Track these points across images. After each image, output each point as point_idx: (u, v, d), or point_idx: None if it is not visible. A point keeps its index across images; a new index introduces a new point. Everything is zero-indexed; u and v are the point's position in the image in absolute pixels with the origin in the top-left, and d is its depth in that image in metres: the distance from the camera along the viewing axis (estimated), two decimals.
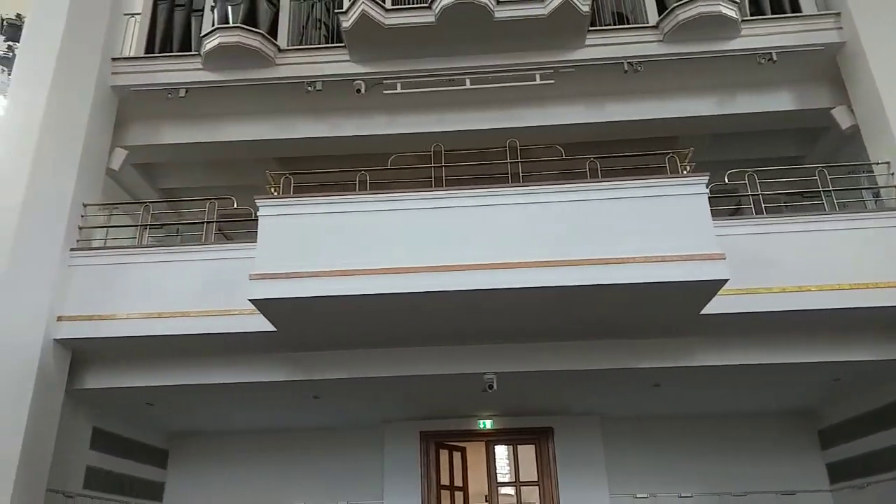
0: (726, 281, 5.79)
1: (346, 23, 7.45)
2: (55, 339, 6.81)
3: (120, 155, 7.89)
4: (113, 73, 7.86)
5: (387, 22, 7.45)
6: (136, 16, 8.23)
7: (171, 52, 8.02)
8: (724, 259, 5.75)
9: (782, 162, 8.97)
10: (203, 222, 7.34)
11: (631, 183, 6.20)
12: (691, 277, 5.76)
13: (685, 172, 6.44)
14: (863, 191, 7.34)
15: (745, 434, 9.39)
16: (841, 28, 7.74)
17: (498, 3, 7.47)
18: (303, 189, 7.24)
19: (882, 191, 7.06)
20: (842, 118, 7.77)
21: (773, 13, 8.00)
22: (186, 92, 7.78)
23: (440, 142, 7.95)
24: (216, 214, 7.38)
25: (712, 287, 5.93)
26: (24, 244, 6.81)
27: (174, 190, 9.34)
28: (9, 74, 7.43)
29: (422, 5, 7.49)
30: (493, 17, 7.46)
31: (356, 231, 6.22)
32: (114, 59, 7.91)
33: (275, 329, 6.59)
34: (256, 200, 6.46)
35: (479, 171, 7.20)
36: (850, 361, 6.89)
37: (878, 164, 7.08)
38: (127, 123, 8.16)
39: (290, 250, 6.20)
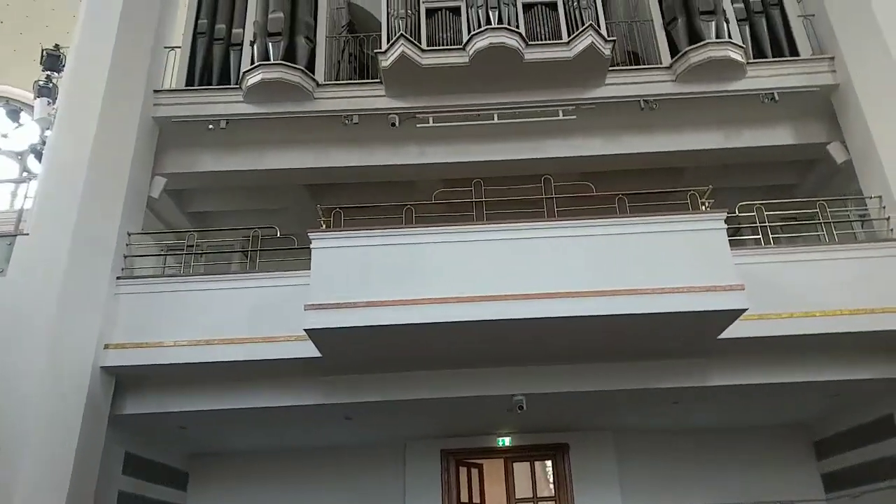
0: (745, 310, 6.72)
1: (386, 62, 8.24)
2: (102, 367, 7.32)
3: (159, 183, 8.49)
4: (155, 105, 8.48)
5: (423, 62, 8.27)
6: (176, 49, 8.89)
7: (210, 84, 8.69)
8: (744, 290, 6.70)
9: (778, 189, 10.12)
10: (247, 251, 8.02)
11: (658, 218, 7.13)
12: (714, 307, 6.66)
13: (704, 208, 7.39)
14: (855, 221, 8.42)
15: (747, 446, 10.42)
16: (835, 71, 8.82)
17: (527, 45, 8.37)
18: (347, 219, 7.96)
19: (875, 222, 8.14)
20: (837, 153, 8.83)
21: (773, 55, 9.09)
22: (227, 123, 8.45)
23: (467, 171, 8.83)
24: (259, 243, 8.04)
25: (732, 315, 6.83)
26: (75, 275, 7.31)
27: (202, 214, 9.96)
28: (49, 103, 7.92)
29: (456, 47, 8.33)
30: (523, 59, 8.35)
31: (404, 262, 6.95)
32: (156, 91, 8.54)
33: (319, 355, 7.31)
34: (309, 233, 7.15)
35: (514, 202, 8.01)
36: (850, 380, 7.89)
37: (871, 197, 8.14)
38: (165, 152, 8.74)
39: (343, 281, 6.88)
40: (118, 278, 7.72)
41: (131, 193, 7.99)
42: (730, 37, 8.70)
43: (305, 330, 6.74)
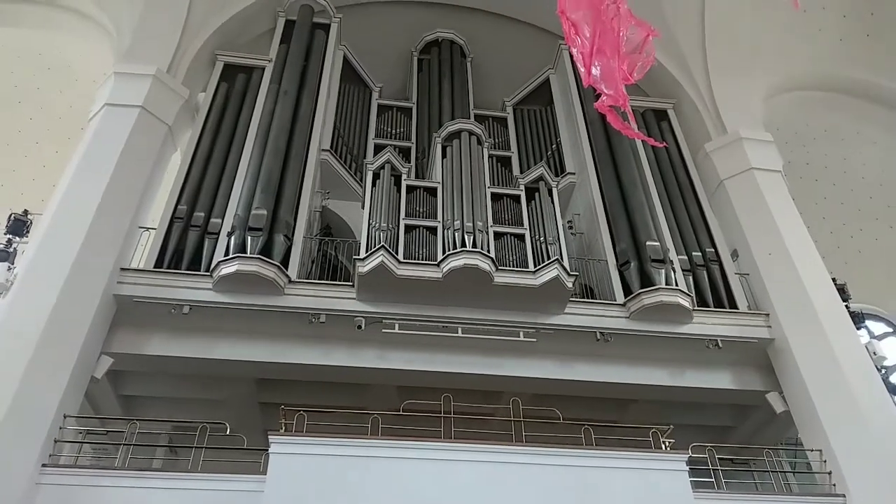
0: None
1: (363, 268, 8.64)
2: None
3: (105, 363, 8.16)
4: (119, 282, 8.43)
5: (399, 273, 8.75)
6: (151, 230, 9.03)
7: (179, 268, 8.78)
8: None
9: (715, 430, 10.74)
10: (192, 447, 7.64)
11: (626, 454, 7.56)
12: None
13: (665, 447, 7.77)
14: (803, 473, 8.94)
15: None
16: (770, 326, 9.85)
17: (497, 269, 9.03)
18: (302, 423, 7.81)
19: (816, 476, 8.68)
20: (776, 403, 9.55)
21: (714, 304, 10.11)
22: (190, 309, 8.43)
23: (423, 379, 9.05)
24: (205, 440, 7.69)
25: None
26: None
27: (133, 398, 9.49)
28: (8, 268, 7.76)
29: (431, 263, 8.91)
30: (493, 281, 8.97)
31: (373, 477, 6.95)
32: (122, 269, 8.53)
33: None
34: (269, 435, 7.06)
35: (477, 420, 8.15)
36: None
37: (812, 450, 8.77)
38: (115, 330, 8.50)
39: (302, 494, 6.75)
40: (43, 465, 7.14)
41: (77, 372, 7.67)
42: (677, 284, 9.67)
43: None
